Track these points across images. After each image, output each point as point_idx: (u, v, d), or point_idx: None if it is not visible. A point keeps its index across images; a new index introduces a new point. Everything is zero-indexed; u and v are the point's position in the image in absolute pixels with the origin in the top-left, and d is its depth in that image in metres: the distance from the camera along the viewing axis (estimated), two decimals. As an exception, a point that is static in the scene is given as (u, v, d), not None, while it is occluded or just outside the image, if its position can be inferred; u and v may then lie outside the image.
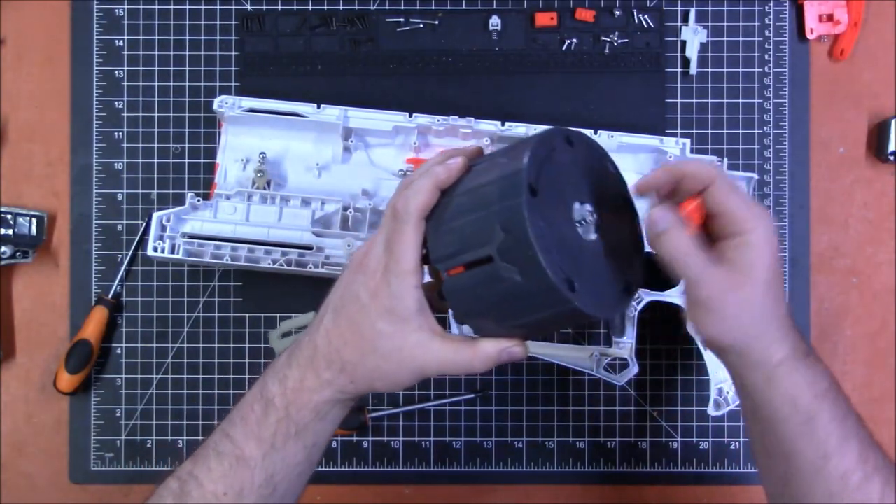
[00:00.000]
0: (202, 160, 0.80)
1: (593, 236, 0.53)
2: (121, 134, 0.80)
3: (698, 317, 0.53)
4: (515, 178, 0.49)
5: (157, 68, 0.80)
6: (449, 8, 0.80)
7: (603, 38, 0.80)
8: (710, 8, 0.80)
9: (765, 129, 0.80)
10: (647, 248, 0.74)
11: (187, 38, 0.80)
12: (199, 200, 0.74)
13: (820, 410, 0.53)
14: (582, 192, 0.53)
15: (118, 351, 0.80)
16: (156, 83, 0.80)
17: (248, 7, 0.80)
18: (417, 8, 0.80)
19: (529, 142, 0.52)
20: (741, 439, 0.80)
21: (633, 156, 0.76)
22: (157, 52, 0.80)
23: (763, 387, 0.53)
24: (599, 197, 0.54)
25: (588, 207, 0.53)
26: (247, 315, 0.80)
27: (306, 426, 0.54)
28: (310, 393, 0.54)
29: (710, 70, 0.80)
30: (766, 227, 0.52)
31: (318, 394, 0.54)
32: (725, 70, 0.80)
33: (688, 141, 0.76)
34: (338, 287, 0.56)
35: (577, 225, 0.52)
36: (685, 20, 0.80)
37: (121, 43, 0.80)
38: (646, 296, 0.74)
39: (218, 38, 0.80)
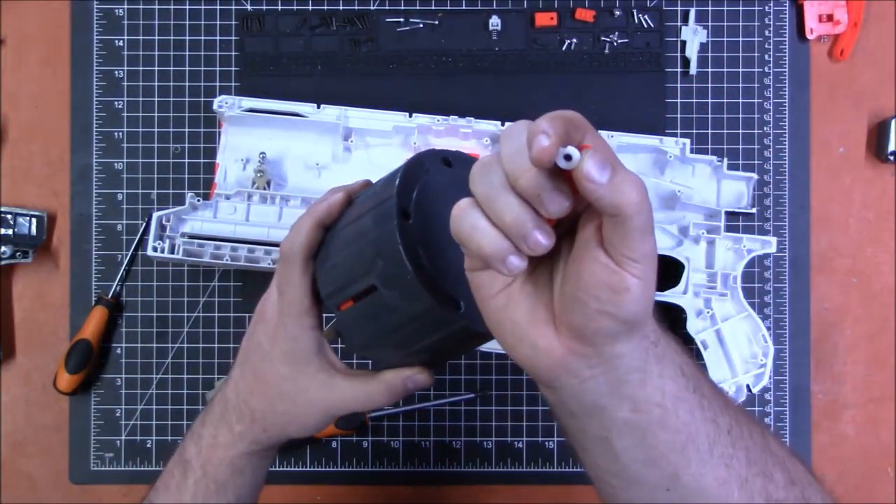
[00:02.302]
0: (202, 160, 0.80)
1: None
2: (121, 134, 0.80)
3: (621, 282, 0.41)
4: (387, 204, 0.49)
5: (157, 68, 0.80)
6: (449, 8, 0.80)
7: (603, 38, 0.80)
8: (710, 8, 0.80)
9: (765, 129, 0.80)
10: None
11: (187, 38, 0.80)
12: (199, 200, 0.74)
13: (696, 370, 0.46)
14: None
15: (118, 351, 0.80)
16: (156, 83, 0.80)
17: (248, 7, 0.80)
18: (417, 8, 0.80)
19: (400, 168, 0.52)
20: (741, 439, 0.79)
21: (633, 156, 0.76)
22: (157, 52, 0.80)
23: (657, 370, 0.45)
24: None
25: None
26: (247, 315, 0.80)
27: (225, 483, 0.54)
28: (224, 449, 0.54)
29: (710, 70, 0.80)
30: (635, 180, 0.41)
31: (234, 448, 0.54)
32: (725, 70, 0.80)
33: (688, 141, 0.76)
34: (242, 342, 0.56)
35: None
36: (685, 20, 0.80)
37: (121, 43, 0.80)
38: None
39: (218, 38, 0.80)
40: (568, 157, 0.37)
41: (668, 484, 0.46)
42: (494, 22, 0.79)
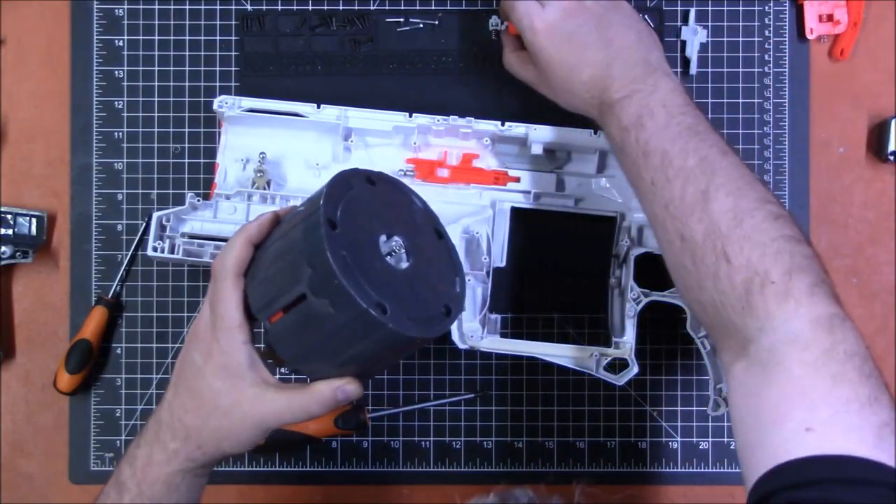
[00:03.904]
0: (202, 160, 0.80)
1: (405, 265, 0.55)
2: (121, 134, 0.80)
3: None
4: (315, 216, 0.51)
5: (157, 68, 0.80)
6: (449, 8, 0.80)
7: (603, 38, 0.80)
8: (710, 8, 0.80)
9: (765, 129, 0.80)
10: (644, 250, 0.74)
11: (187, 38, 0.80)
12: (199, 200, 0.74)
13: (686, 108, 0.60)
14: (389, 226, 0.56)
15: (118, 351, 0.80)
16: (156, 83, 0.80)
17: (248, 7, 0.80)
18: (417, 8, 0.80)
19: (326, 185, 0.54)
20: (741, 439, 0.80)
21: (633, 156, 0.76)
22: (157, 52, 0.80)
23: (604, 125, 0.64)
24: (410, 229, 0.57)
25: (396, 239, 0.55)
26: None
27: (160, 501, 0.55)
28: (159, 467, 0.55)
29: (710, 70, 0.80)
30: (525, 16, 0.65)
31: (168, 466, 0.55)
32: (725, 70, 0.80)
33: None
34: (176, 362, 0.57)
35: (388, 256, 0.54)
36: (685, 20, 0.80)
37: (121, 43, 0.80)
38: (646, 296, 0.74)
39: (218, 38, 0.80)
40: None
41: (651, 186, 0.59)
42: (494, 22, 0.79)
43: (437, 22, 0.80)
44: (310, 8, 0.80)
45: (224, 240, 0.73)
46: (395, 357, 0.62)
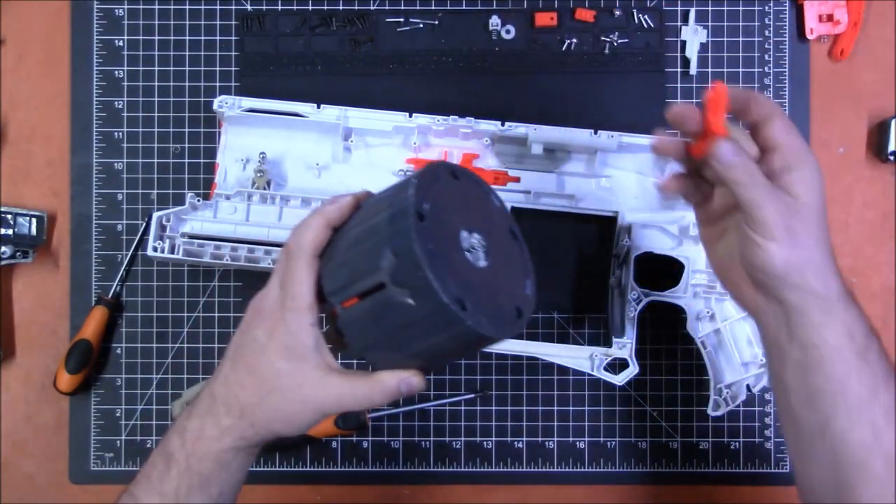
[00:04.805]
0: (202, 160, 0.80)
1: (483, 263, 0.54)
2: (121, 134, 0.80)
3: (758, 245, 0.53)
4: (403, 204, 0.51)
5: (157, 68, 0.80)
6: (449, 8, 0.80)
7: (603, 38, 0.80)
8: (710, 8, 0.80)
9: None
10: (644, 250, 0.74)
11: (187, 38, 0.80)
12: (199, 200, 0.74)
13: (871, 344, 0.54)
14: (469, 222, 0.55)
15: (118, 351, 0.80)
16: (156, 83, 0.80)
17: (248, 7, 0.80)
18: (417, 8, 0.80)
19: (416, 174, 0.53)
20: (741, 439, 0.80)
21: (633, 156, 0.76)
22: (157, 52, 0.80)
23: (820, 320, 0.53)
24: (487, 227, 0.56)
25: (476, 236, 0.55)
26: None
27: (209, 477, 0.54)
28: (210, 441, 0.54)
29: (710, 70, 0.80)
30: (817, 166, 0.55)
31: (219, 442, 0.54)
32: (725, 70, 0.80)
33: (688, 141, 0.76)
34: (234, 337, 0.57)
35: (467, 252, 0.54)
36: (685, 20, 0.80)
37: (121, 43, 0.80)
38: (646, 296, 0.74)
39: (218, 38, 0.80)
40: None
41: (819, 430, 0.53)
42: (494, 22, 0.79)
43: (437, 22, 0.80)
44: (310, 8, 0.80)
45: (224, 240, 0.73)
46: (462, 354, 0.61)
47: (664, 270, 0.75)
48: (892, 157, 0.79)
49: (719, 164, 0.53)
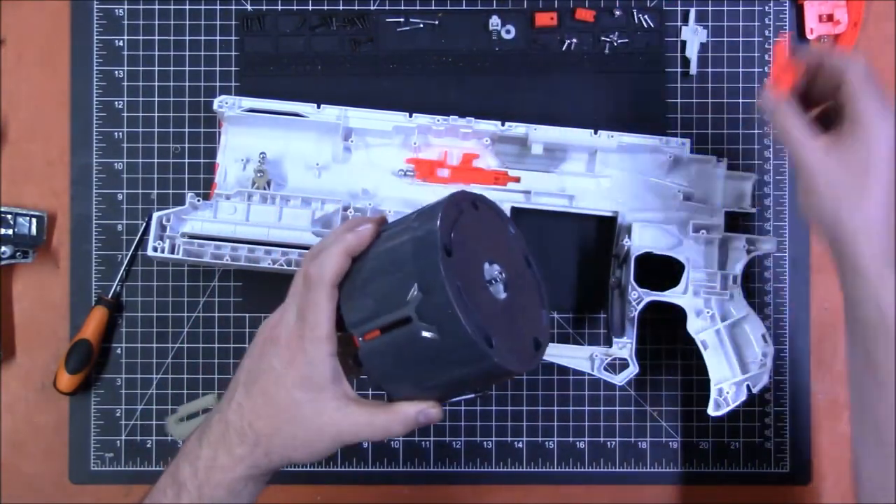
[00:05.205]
0: (202, 160, 0.80)
1: (503, 295, 0.54)
2: (121, 134, 0.80)
3: (813, 202, 0.57)
4: (429, 238, 0.50)
5: (157, 68, 0.80)
6: (449, 8, 0.80)
7: (603, 38, 0.80)
8: (710, 8, 0.80)
9: (765, 129, 0.80)
10: (644, 250, 0.74)
11: (187, 38, 0.80)
12: (199, 200, 0.74)
13: None
14: (490, 252, 0.55)
15: (118, 351, 0.80)
16: (156, 83, 0.80)
17: (248, 7, 0.80)
18: (417, 8, 0.80)
19: (439, 205, 0.53)
20: (741, 439, 0.80)
21: (633, 156, 0.76)
22: (157, 52, 0.80)
23: (877, 278, 0.54)
24: (506, 257, 0.56)
25: (497, 268, 0.54)
26: (247, 315, 0.80)
27: None
28: (222, 472, 0.54)
29: (710, 70, 0.80)
30: (883, 121, 0.55)
31: (232, 472, 0.54)
32: (725, 70, 0.80)
33: (688, 141, 0.76)
34: (246, 363, 0.56)
35: (489, 284, 0.53)
36: (685, 20, 0.80)
37: (121, 43, 0.80)
38: (646, 296, 0.74)
39: (218, 38, 0.80)
40: None
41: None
42: (494, 22, 0.79)
43: (437, 22, 0.80)
44: (310, 8, 0.80)
45: (224, 240, 0.73)
46: (483, 387, 0.61)
47: (664, 270, 0.75)
48: (892, 157, 0.78)
49: (765, 115, 0.59)
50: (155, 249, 0.73)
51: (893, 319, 0.53)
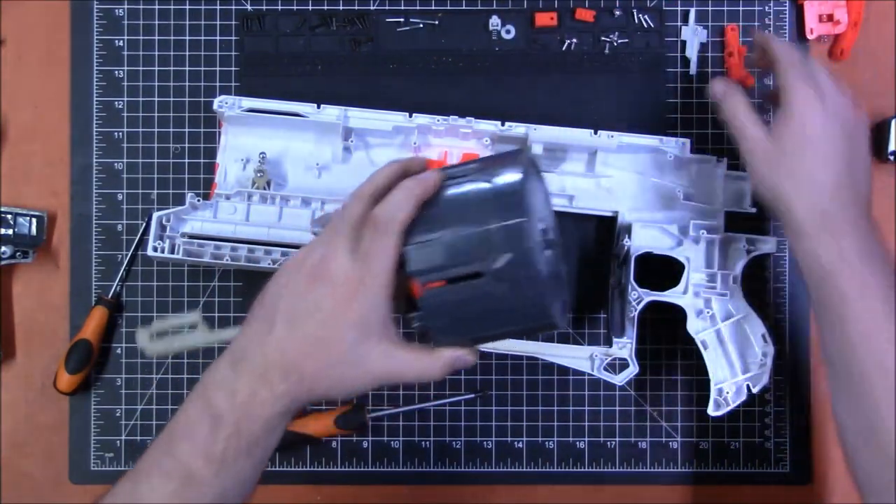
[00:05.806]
0: (202, 160, 0.80)
1: (549, 253, 0.55)
2: (121, 134, 0.80)
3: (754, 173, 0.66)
4: (514, 197, 0.51)
5: (157, 68, 0.80)
6: (449, 8, 0.80)
7: (603, 38, 0.80)
8: (710, 8, 0.80)
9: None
10: (644, 250, 0.74)
11: (187, 38, 0.80)
12: (199, 200, 0.74)
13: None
14: (541, 213, 0.56)
15: (118, 351, 0.80)
16: (156, 83, 0.80)
17: (248, 7, 0.80)
18: (417, 8, 0.80)
19: (519, 159, 0.53)
20: (741, 439, 0.80)
21: (633, 156, 0.76)
22: (157, 52, 0.80)
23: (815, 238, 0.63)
24: (546, 216, 0.58)
25: (546, 225, 0.56)
26: (247, 315, 0.79)
27: (257, 441, 0.53)
28: (262, 406, 0.53)
29: (710, 70, 0.80)
30: (808, 99, 0.63)
31: (272, 407, 0.53)
32: (725, 70, 0.80)
33: (688, 141, 0.76)
34: (282, 294, 0.55)
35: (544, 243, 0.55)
36: (685, 20, 0.80)
37: (121, 43, 0.80)
38: (646, 296, 0.74)
39: (218, 38, 0.80)
40: None
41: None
42: (494, 22, 0.79)
43: (437, 22, 0.80)
44: (310, 8, 0.80)
45: (224, 240, 0.73)
46: (521, 335, 0.62)
47: (664, 270, 0.75)
48: (892, 157, 0.79)
49: (713, 98, 0.68)
50: (155, 249, 0.73)
51: (833, 270, 0.61)
